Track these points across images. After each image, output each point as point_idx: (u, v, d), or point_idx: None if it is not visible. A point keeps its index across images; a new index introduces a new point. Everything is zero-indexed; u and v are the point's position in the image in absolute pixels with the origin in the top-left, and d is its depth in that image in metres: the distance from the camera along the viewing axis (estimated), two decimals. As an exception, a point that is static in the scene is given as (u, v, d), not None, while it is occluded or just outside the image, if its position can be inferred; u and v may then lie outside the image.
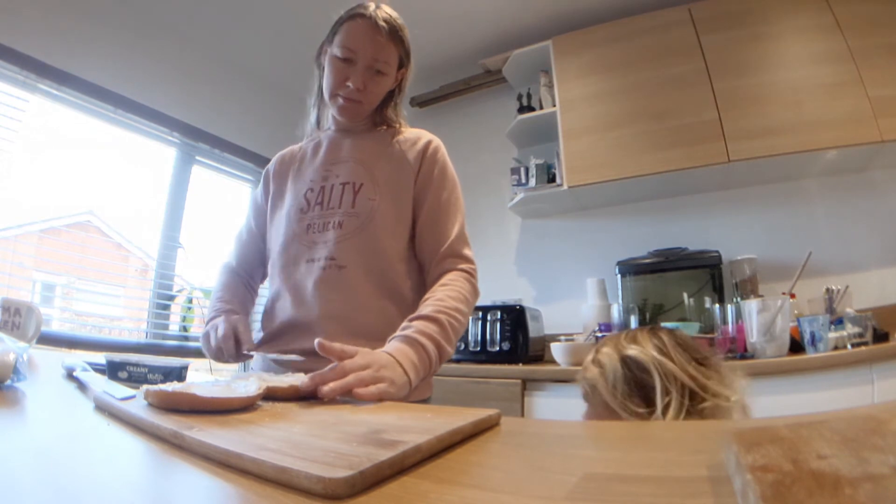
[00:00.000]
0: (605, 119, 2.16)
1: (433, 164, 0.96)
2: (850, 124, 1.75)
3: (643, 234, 2.27)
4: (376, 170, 0.95)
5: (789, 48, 1.94)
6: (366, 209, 0.91)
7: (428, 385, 0.95)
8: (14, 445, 0.35)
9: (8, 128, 1.82)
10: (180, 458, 0.32)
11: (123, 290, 2.49)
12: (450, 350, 0.79)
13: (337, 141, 1.02)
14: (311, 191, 0.97)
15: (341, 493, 0.25)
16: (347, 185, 0.94)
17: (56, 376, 0.69)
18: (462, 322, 0.83)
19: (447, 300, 0.82)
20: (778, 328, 1.55)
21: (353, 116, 0.98)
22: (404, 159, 0.96)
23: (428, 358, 0.73)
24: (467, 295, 0.87)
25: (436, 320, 0.78)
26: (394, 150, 0.97)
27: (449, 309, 0.80)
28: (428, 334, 0.75)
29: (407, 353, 0.71)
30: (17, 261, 1.89)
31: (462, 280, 0.88)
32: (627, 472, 0.29)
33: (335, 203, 0.93)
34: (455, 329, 0.80)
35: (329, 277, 0.89)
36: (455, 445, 0.36)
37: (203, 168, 2.53)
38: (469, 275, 0.90)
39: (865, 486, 0.16)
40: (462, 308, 0.84)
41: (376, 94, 0.96)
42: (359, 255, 0.89)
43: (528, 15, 2.38)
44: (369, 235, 0.90)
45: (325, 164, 0.99)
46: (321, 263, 0.90)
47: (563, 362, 1.83)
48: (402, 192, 0.94)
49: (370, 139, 1.00)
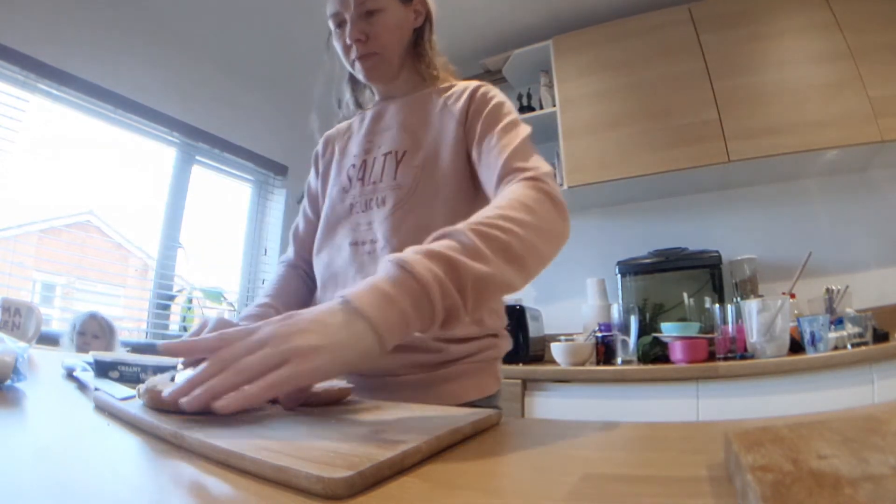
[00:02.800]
0: (605, 119, 2.16)
1: (482, 103, 0.79)
2: (850, 124, 1.75)
3: (643, 234, 2.27)
4: (421, 132, 0.81)
5: (789, 48, 1.94)
6: (409, 179, 0.78)
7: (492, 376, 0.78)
8: (14, 445, 0.35)
9: (8, 128, 1.82)
10: (180, 458, 0.32)
11: (123, 290, 2.49)
12: (483, 269, 0.46)
13: (381, 109, 0.89)
14: (353, 166, 0.85)
15: (341, 493, 0.25)
16: (389, 155, 0.82)
17: (56, 376, 0.69)
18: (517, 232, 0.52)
19: (487, 210, 0.55)
20: (778, 328, 1.56)
21: (379, 73, 0.84)
22: (449, 112, 0.81)
23: (424, 289, 0.42)
24: (529, 202, 0.57)
25: (449, 236, 0.49)
26: (440, 106, 0.82)
27: (486, 217, 0.52)
28: (428, 252, 0.45)
29: (377, 287, 0.42)
30: (17, 261, 1.89)
31: (520, 187, 0.61)
32: (627, 472, 0.29)
33: (377, 177, 0.81)
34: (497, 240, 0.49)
35: (372, 263, 0.76)
36: (455, 445, 0.36)
37: (203, 168, 2.53)
38: (536, 180, 0.62)
39: (865, 486, 0.16)
40: (514, 215, 0.54)
41: (386, 36, 0.81)
42: (406, 234, 0.75)
43: (528, 15, 2.38)
44: (416, 209, 0.76)
45: (369, 135, 0.87)
46: (365, 248, 0.78)
47: (564, 362, 1.83)
48: (451, 150, 0.78)
49: (414, 100, 0.86)
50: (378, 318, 0.40)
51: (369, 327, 0.40)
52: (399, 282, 0.42)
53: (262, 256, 2.77)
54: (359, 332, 0.39)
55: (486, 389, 0.76)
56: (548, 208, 0.59)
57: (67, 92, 1.96)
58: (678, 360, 1.66)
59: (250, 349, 0.38)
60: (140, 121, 2.20)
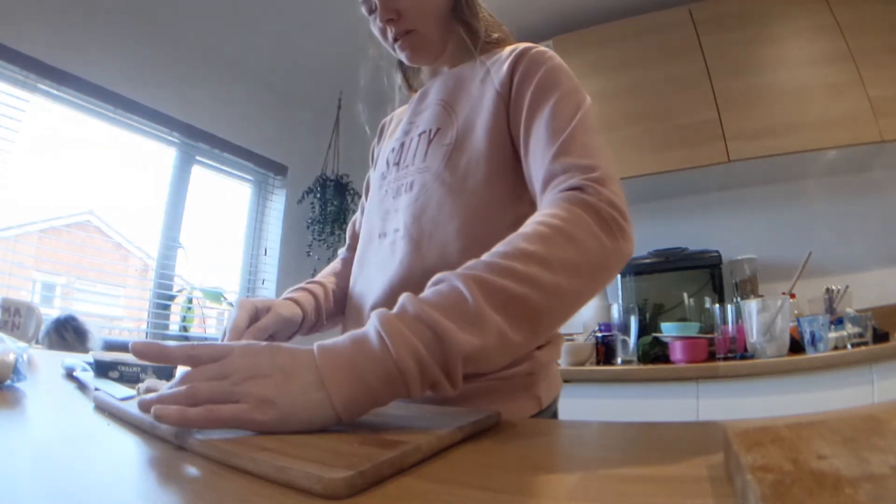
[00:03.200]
0: (606, 119, 2.16)
1: (530, 72, 0.65)
2: (850, 124, 1.75)
3: (643, 234, 2.26)
4: (457, 106, 0.71)
5: (789, 48, 1.94)
6: (437, 160, 0.68)
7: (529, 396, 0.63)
8: (14, 445, 0.35)
9: (8, 128, 1.82)
10: (180, 458, 0.32)
11: (123, 290, 2.49)
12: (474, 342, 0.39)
13: (427, 87, 0.81)
14: (393, 150, 0.78)
15: (341, 493, 0.25)
16: (423, 135, 0.73)
17: (56, 376, 0.69)
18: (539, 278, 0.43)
19: (509, 243, 0.46)
20: (778, 328, 1.56)
21: (423, 53, 0.76)
22: (490, 81, 0.69)
23: (397, 367, 0.37)
24: (569, 227, 0.47)
25: (452, 289, 0.41)
26: (482, 74, 0.71)
27: (502, 258, 0.44)
28: (418, 316, 0.39)
29: (350, 354, 0.38)
30: (17, 261, 1.89)
31: (563, 205, 0.50)
32: (627, 472, 0.29)
33: (409, 160, 0.73)
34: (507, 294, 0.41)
35: (394, 255, 0.67)
36: (455, 445, 0.36)
37: (203, 168, 2.53)
38: (582, 191, 0.51)
39: (865, 486, 0.16)
40: (542, 252, 0.44)
41: (418, 9, 0.72)
42: (426, 224, 0.65)
43: (528, 15, 2.38)
44: (438, 194, 0.66)
45: (412, 116, 0.79)
46: (389, 238, 0.69)
47: (564, 362, 1.83)
48: (486, 125, 0.66)
49: (459, 71, 0.76)
50: (340, 397, 0.36)
51: (329, 403, 0.36)
52: (376, 359, 0.37)
53: (262, 256, 2.77)
54: (317, 402, 0.36)
55: (519, 412, 0.61)
56: (599, 237, 0.48)
57: (67, 92, 1.96)
58: (678, 360, 1.66)
59: (212, 375, 0.37)
60: (140, 121, 2.20)
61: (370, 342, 0.38)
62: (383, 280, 0.67)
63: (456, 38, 0.77)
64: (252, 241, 2.78)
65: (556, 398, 0.69)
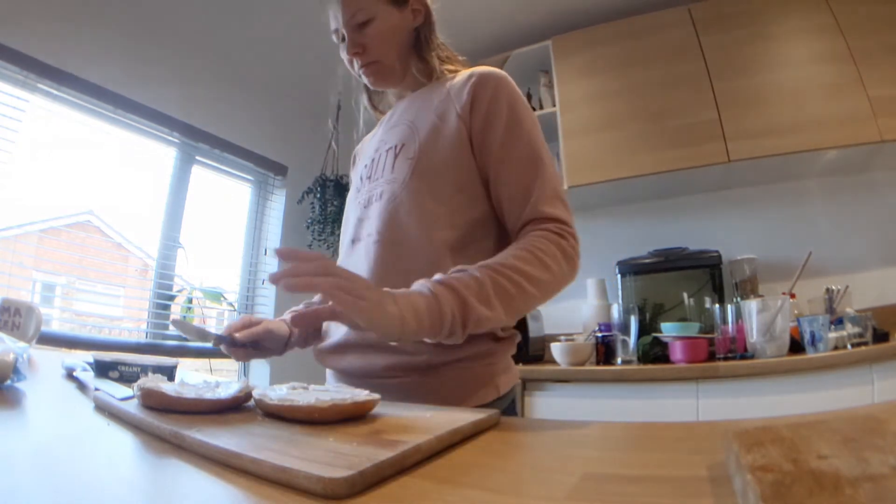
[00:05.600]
0: (606, 119, 2.17)
1: (490, 102, 0.76)
2: (850, 124, 1.75)
3: (643, 234, 2.27)
4: (420, 122, 0.81)
5: (789, 48, 1.94)
6: (403, 171, 0.77)
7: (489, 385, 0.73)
8: (14, 445, 0.35)
9: (8, 128, 1.82)
10: (180, 458, 0.32)
11: (123, 290, 2.49)
12: (488, 314, 0.59)
13: (394, 110, 0.92)
14: (365, 166, 0.87)
15: (341, 493, 0.25)
16: (390, 150, 0.82)
17: (56, 376, 0.69)
18: (525, 287, 0.63)
19: (506, 259, 0.64)
20: (778, 328, 1.56)
21: (383, 79, 0.86)
22: (451, 102, 0.79)
23: (440, 312, 0.56)
24: (546, 258, 0.66)
25: (472, 276, 0.60)
26: (443, 95, 0.81)
27: (504, 267, 0.62)
28: (452, 286, 0.58)
29: (412, 296, 0.57)
30: (17, 261, 1.89)
31: (541, 238, 0.68)
32: (627, 472, 0.29)
33: (378, 173, 0.82)
34: (506, 293, 0.61)
35: (367, 257, 0.76)
36: (455, 445, 0.36)
37: (203, 168, 2.53)
38: (556, 234, 0.69)
39: (865, 486, 0.16)
40: (529, 270, 0.63)
41: (382, 44, 0.82)
42: (395, 229, 0.75)
43: (528, 15, 2.38)
44: (407, 202, 0.75)
45: (382, 135, 0.89)
46: (363, 243, 0.79)
47: (563, 362, 1.83)
48: (449, 142, 0.76)
49: (421, 94, 0.87)
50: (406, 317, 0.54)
51: (399, 316, 0.54)
52: (429, 305, 0.57)
53: (262, 256, 2.77)
54: (392, 314, 0.53)
55: (479, 398, 0.72)
56: (562, 268, 0.68)
57: (67, 92, 1.95)
58: (678, 360, 1.66)
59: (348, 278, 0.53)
60: (140, 121, 2.20)
61: (424, 293, 0.58)
62: None
63: (415, 66, 0.88)
64: (252, 241, 2.78)
65: (514, 387, 0.80)
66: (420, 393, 0.69)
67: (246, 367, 2.69)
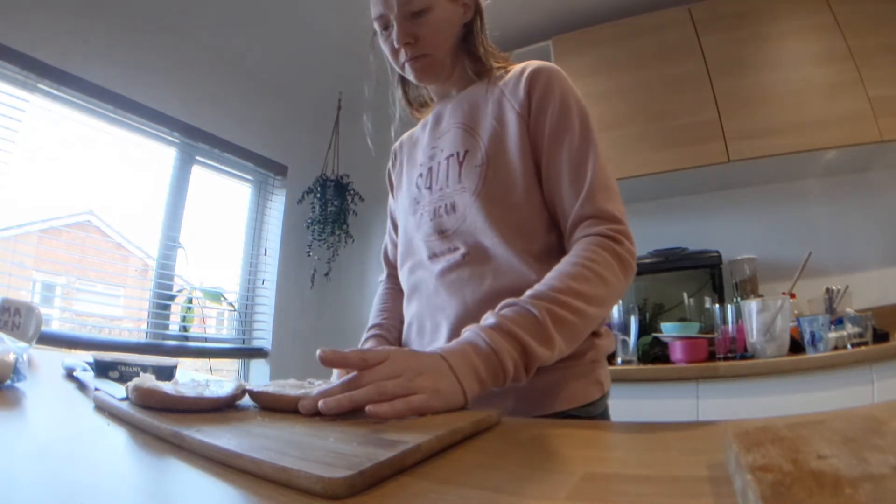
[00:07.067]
0: (606, 119, 2.16)
1: (543, 92, 0.74)
2: (850, 124, 1.75)
3: (643, 234, 2.25)
4: (480, 128, 0.77)
5: (789, 48, 1.94)
6: (474, 180, 0.74)
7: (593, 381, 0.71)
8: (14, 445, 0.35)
9: (8, 128, 1.82)
10: (180, 458, 0.32)
11: (123, 290, 2.49)
12: (549, 354, 0.56)
13: (440, 112, 0.86)
14: (421, 175, 0.83)
15: (341, 493, 0.25)
16: (451, 158, 0.78)
17: (56, 376, 0.69)
18: (584, 310, 0.59)
19: (561, 281, 0.60)
20: (778, 328, 1.55)
21: (432, 74, 0.81)
22: (507, 103, 0.76)
23: (501, 366, 0.53)
24: (602, 270, 0.62)
25: (528, 313, 0.57)
26: (496, 96, 0.78)
27: (559, 293, 0.59)
28: (509, 332, 0.55)
29: (468, 356, 0.52)
30: (17, 261, 1.89)
31: (595, 248, 0.64)
32: (627, 472, 0.29)
33: (442, 182, 0.78)
34: (566, 323, 0.58)
35: (451, 273, 0.74)
36: (455, 445, 0.36)
37: (203, 168, 2.53)
38: (611, 240, 0.65)
39: (865, 486, 0.16)
40: (585, 290, 0.60)
41: (436, 37, 0.77)
42: (478, 238, 0.72)
43: (528, 15, 2.38)
44: (484, 210, 0.72)
45: (431, 141, 0.84)
46: (444, 259, 0.75)
47: (563, 362, 1.83)
48: (516, 145, 0.73)
49: (470, 95, 0.82)
50: (468, 385, 0.50)
51: (461, 390, 0.50)
52: (487, 361, 0.53)
53: (262, 256, 2.77)
54: (457, 390, 0.49)
55: (585, 396, 0.70)
56: (618, 277, 0.64)
57: (67, 92, 1.95)
58: (678, 359, 1.66)
59: (388, 375, 0.46)
60: (140, 121, 2.20)
61: (481, 348, 0.54)
62: (458, 301, 0.73)
63: (462, 63, 0.83)
64: (252, 241, 2.78)
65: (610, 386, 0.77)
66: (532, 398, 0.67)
67: (246, 368, 2.70)
